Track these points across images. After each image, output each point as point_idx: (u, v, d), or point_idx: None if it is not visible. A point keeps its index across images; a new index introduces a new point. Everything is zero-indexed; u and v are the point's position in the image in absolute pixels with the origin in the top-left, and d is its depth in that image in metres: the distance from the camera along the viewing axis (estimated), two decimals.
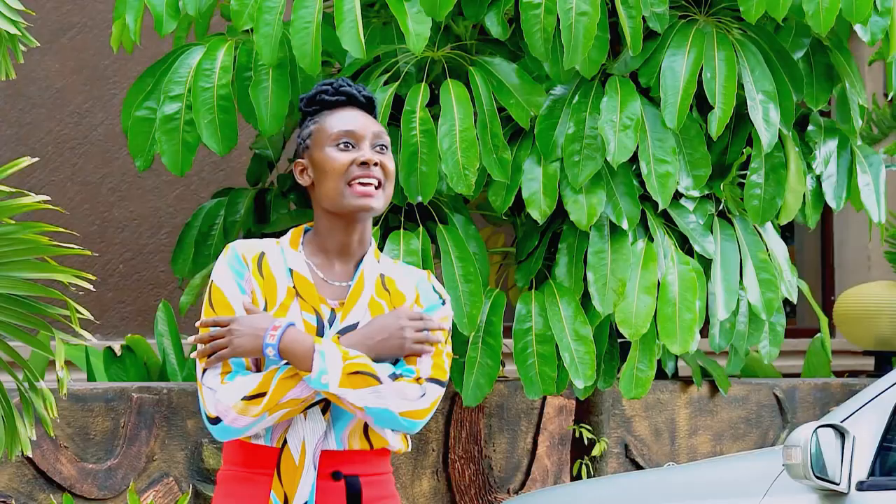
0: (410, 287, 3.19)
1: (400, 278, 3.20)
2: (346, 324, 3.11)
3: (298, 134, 3.23)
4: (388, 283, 3.18)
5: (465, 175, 5.21)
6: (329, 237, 3.17)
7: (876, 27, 5.61)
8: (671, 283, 5.47)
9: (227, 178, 7.23)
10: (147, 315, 7.16)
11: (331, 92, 3.20)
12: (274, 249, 3.18)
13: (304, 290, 3.13)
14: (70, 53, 7.31)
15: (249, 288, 3.13)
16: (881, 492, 4.11)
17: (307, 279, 3.14)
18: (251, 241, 3.22)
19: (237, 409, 3.04)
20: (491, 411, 6.18)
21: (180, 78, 5.39)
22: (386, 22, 5.64)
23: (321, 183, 3.14)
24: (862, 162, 5.95)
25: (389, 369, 3.06)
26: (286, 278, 3.14)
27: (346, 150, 3.14)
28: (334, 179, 3.12)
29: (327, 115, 3.18)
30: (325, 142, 3.15)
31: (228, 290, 3.11)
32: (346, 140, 3.14)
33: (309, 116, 3.21)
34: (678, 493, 4.64)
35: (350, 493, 3.11)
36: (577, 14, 5.15)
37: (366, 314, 3.12)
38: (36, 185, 6.98)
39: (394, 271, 3.22)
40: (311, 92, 3.23)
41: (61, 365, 3.92)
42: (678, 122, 5.34)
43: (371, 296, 3.14)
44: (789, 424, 6.93)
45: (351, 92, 3.20)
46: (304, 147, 3.19)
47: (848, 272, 9.34)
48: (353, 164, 3.13)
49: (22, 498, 5.32)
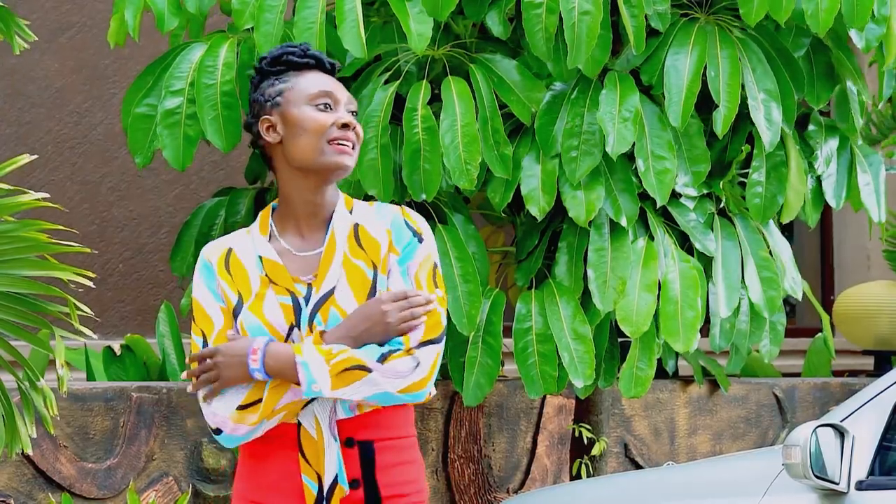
0: (382, 230, 3.17)
1: (371, 223, 3.18)
2: (323, 292, 3.10)
3: (259, 92, 3.21)
4: (362, 234, 3.16)
5: (468, 169, 5.21)
6: (297, 200, 3.17)
7: (871, 35, 5.61)
8: (672, 280, 5.47)
9: (227, 178, 7.22)
10: (146, 315, 7.16)
11: (299, 54, 3.21)
12: (243, 241, 3.19)
13: (276, 274, 3.13)
14: (69, 53, 7.31)
15: (220, 291, 3.15)
16: (881, 491, 4.11)
17: (277, 262, 3.14)
18: (219, 240, 3.24)
19: (234, 419, 3.05)
20: (490, 411, 6.18)
21: (181, 73, 5.39)
22: (386, 21, 5.64)
23: (295, 140, 3.14)
24: (862, 162, 5.95)
25: (377, 351, 3.05)
26: (257, 268, 3.14)
27: (324, 111, 3.15)
28: (313, 137, 3.12)
29: (296, 75, 3.19)
30: (301, 100, 3.15)
31: (205, 301, 3.15)
32: (325, 101, 3.15)
33: (272, 76, 3.20)
34: (677, 492, 4.64)
35: (364, 459, 3.10)
36: (580, 13, 5.15)
37: (341, 276, 3.11)
38: (35, 184, 6.98)
39: (367, 216, 3.19)
40: (274, 52, 3.22)
41: (61, 363, 3.92)
42: (682, 121, 5.35)
43: (344, 254, 3.12)
44: (789, 424, 6.93)
45: (319, 56, 3.22)
46: (272, 104, 3.17)
47: (847, 272, 9.34)
48: (333, 124, 3.13)
49: (21, 497, 5.32)
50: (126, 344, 6.18)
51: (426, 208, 5.48)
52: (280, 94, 3.17)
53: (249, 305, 3.11)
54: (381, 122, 5.28)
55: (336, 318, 3.08)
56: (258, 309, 3.11)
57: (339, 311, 3.09)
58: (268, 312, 3.11)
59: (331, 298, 3.09)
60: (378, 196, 5.21)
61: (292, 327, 3.10)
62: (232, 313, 3.14)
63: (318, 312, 3.09)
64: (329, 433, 3.08)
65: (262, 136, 3.19)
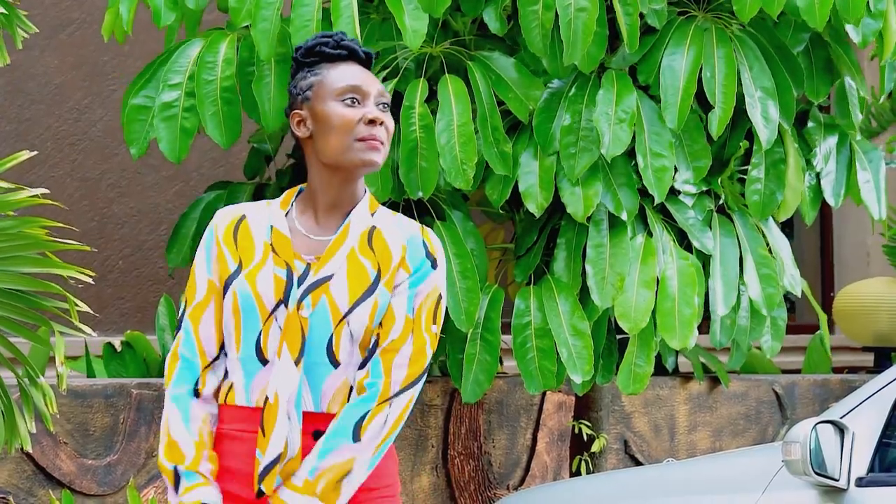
0: (398, 243, 3.13)
1: (390, 231, 3.14)
2: (320, 276, 3.07)
3: (293, 84, 3.18)
4: (376, 239, 3.12)
5: (464, 170, 5.21)
6: (323, 192, 3.14)
7: (867, 29, 5.60)
8: (670, 277, 5.47)
9: (226, 174, 7.22)
10: (146, 311, 7.16)
11: (332, 44, 3.15)
12: (259, 210, 3.17)
13: (280, 245, 3.10)
14: (69, 49, 7.31)
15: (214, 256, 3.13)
16: (880, 488, 4.11)
17: (284, 234, 3.11)
18: (236, 206, 3.21)
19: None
20: (490, 407, 6.18)
21: (180, 67, 5.39)
22: (385, 18, 5.65)
23: (323, 136, 3.11)
24: (862, 158, 5.95)
25: (350, 423, 3.02)
26: (266, 235, 3.12)
27: (352, 106, 3.10)
28: (341, 134, 3.08)
29: (328, 67, 3.14)
30: (329, 96, 3.11)
31: (199, 268, 3.15)
32: (352, 96, 3.10)
33: (306, 67, 3.17)
34: (677, 489, 4.64)
35: None
36: (577, 10, 5.16)
37: (342, 267, 3.08)
38: (35, 181, 6.98)
39: (386, 224, 3.15)
40: (308, 42, 3.18)
41: (61, 360, 3.92)
42: (679, 122, 5.35)
43: (352, 248, 3.09)
44: (789, 420, 6.93)
45: (352, 46, 3.16)
46: (303, 98, 3.14)
47: (847, 268, 9.34)
48: (360, 121, 3.09)
49: (21, 494, 5.33)
50: (126, 340, 6.18)
51: (425, 205, 5.49)
52: (310, 87, 3.13)
53: (247, 273, 3.08)
54: None
55: (324, 307, 3.05)
56: (252, 277, 3.08)
57: (330, 300, 3.06)
58: (261, 282, 3.07)
59: (325, 285, 3.06)
60: (375, 194, 5.21)
61: (279, 303, 3.07)
62: (224, 283, 3.11)
63: (310, 295, 3.06)
64: (284, 409, 3.03)
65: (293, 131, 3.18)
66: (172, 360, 3.14)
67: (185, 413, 3.09)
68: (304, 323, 3.05)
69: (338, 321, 3.05)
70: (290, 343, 3.05)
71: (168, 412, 3.11)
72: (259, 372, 3.07)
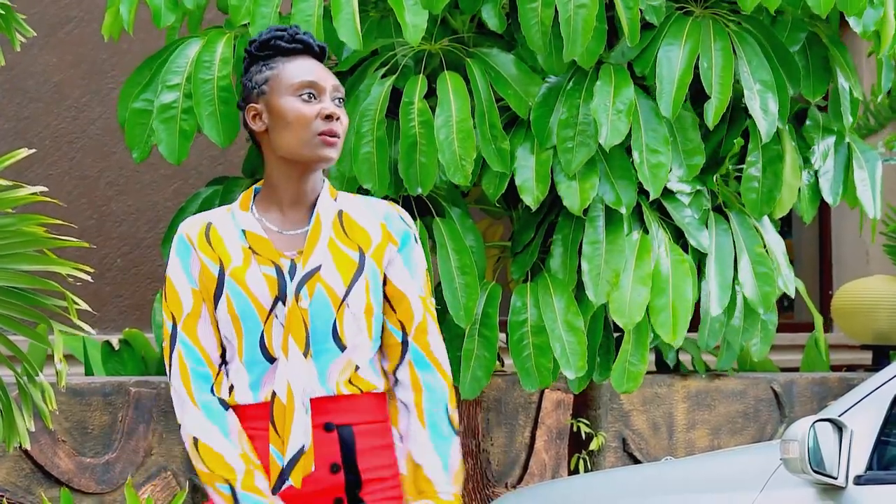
0: (374, 222, 3.15)
1: (360, 213, 3.16)
2: (308, 269, 3.07)
3: (248, 77, 3.17)
4: (347, 222, 3.14)
5: (462, 165, 5.22)
6: (284, 187, 3.14)
7: (868, 19, 5.60)
8: (665, 273, 5.47)
9: (225, 172, 7.21)
10: (145, 309, 7.16)
11: (287, 38, 3.15)
12: (223, 217, 3.16)
13: (260, 246, 3.10)
14: (68, 47, 7.31)
15: (196, 269, 3.11)
16: (879, 486, 4.11)
17: (261, 236, 3.11)
18: (197, 216, 3.20)
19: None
20: (489, 405, 6.19)
21: (178, 68, 5.39)
22: (384, 15, 5.65)
23: (280, 131, 3.11)
24: (859, 158, 5.95)
25: (443, 428, 3.14)
26: (239, 241, 3.11)
27: (308, 102, 3.10)
28: (298, 130, 3.09)
29: (283, 61, 3.14)
30: (285, 90, 3.11)
31: (178, 282, 3.11)
32: (309, 91, 3.10)
33: (260, 60, 3.16)
34: (676, 487, 4.64)
35: (343, 443, 3.08)
36: (576, 6, 5.16)
37: (326, 256, 3.09)
38: (34, 179, 6.98)
39: (353, 207, 3.17)
40: (263, 36, 3.17)
41: (60, 358, 3.92)
42: (673, 111, 5.35)
43: (330, 238, 3.11)
44: (787, 419, 6.93)
45: (307, 41, 3.16)
46: (259, 92, 3.14)
47: (846, 266, 9.34)
48: (317, 116, 3.09)
49: (20, 492, 5.33)
50: (124, 338, 6.18)
51: (424, 202, 5.49)
52: (266, 81, 3.13)
53: (231, 272, 3.07)
54: (378, 116, 5.28)
55: (322, 295, 3.06)
56: (241, 278, 3.07)
57: (326, 287, 3.07)
58: (252, 284, 3.07)
59: (317, 275, 3.07)
60: (374, 190, 5.21)
61: (276, 300, 3.07)
62: (213, 291, 3.10)
63: (305, 286, 3.06)
64: (300, 403, 3.03)
65: (247, 124, 3.18)
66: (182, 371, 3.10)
67: (221, 424, 3.07)
68: (305, 314, 3.06)
69: (338, 305, 3.07)
70: (295, 337, 3.05)
71: (196, 421, 3.07)
72: (266, 370, 3.07)
